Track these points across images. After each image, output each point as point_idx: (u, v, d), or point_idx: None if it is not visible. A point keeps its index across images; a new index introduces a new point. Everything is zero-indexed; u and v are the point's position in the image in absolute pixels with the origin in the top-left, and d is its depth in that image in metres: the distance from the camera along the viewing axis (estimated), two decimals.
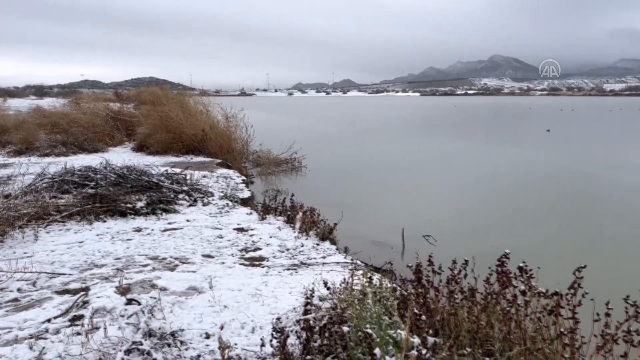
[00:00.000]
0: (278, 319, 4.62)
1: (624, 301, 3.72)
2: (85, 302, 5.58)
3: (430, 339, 3.97)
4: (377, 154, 26.08)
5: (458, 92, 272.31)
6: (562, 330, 3.54)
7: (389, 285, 5.42)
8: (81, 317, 5.22)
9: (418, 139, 35.29)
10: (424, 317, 3.88)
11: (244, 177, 15.63)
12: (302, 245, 8.21)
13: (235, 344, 4.61)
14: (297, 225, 9.12)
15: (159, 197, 10.75)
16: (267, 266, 7.16)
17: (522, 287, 3.92)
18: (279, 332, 4.05)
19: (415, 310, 3.72)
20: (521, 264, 4.24)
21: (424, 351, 3.54)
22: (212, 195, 11.99)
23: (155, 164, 15.39)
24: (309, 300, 4.55)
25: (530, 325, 4.19)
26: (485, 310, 4.37)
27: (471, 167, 21.53)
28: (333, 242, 8.55)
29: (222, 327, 4.94)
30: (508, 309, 3.95)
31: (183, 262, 7.21)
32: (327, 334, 3.98)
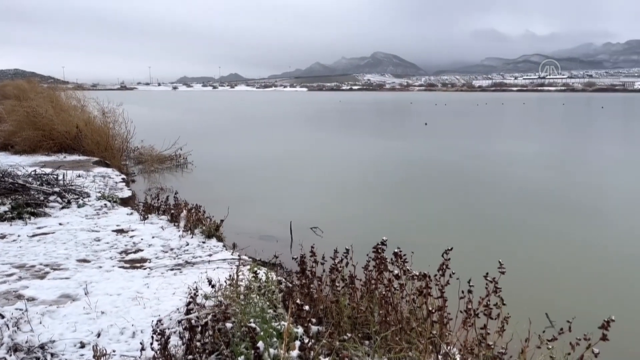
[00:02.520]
0: (159, 320, 4.46)
1: (484, 278, 4.10)
2: None
3: (314, 328, 4.08)
4: (266, 148, 26.11)
5: (343, 88, 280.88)
6: (430, 309, 3.81)
7: (275, 278, 5.48)
8: None
9: (305, 133, 35.88)
10: (306, 307, 3.96)
11: (124, 176, 14.84)
12: (187, 244, 7.99)
13: (114, 351, 4.38)
14: (182, 223, 8.86)
15: (26, 200, 9.84)
16: (150, 268, 6.88)
17: (396, 272, 4.14)
18: (160, 334, 3.91)
19: (298, 301, 3.79)
20: (396, 250, 4.50)
21: (306, 340, 3.63)
22: (89, 195, 11.23)
23: (22, 164, 14.09)
24: (191, 300, 4.45)
25: (406, 307, 4.47)
26: (365, 296, 4.59)
27: (357, 159, 22.36)
28: (220, 239, 8.43)
29: (98, 335, 4.67)
30: (384, 293, 4.16)
31: (55, 269, 6.68)
32: (210, 332, 3.92)
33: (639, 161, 21.51)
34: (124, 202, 11.40)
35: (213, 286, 4.87)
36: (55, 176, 11.96)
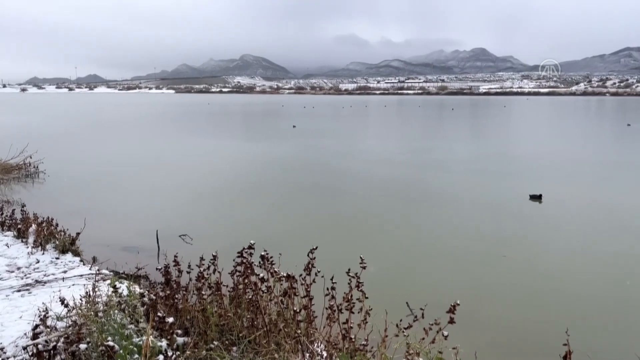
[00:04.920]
0: (1, 349, 4.00)
1: (347, 274, 4.26)
2: None
3: (179, 339, 3.95)
4: (129, 154, 24.72)
5: (213, 90, 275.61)
6: (295, 309, 3.88)
7: (138, 291, 5.20)
8: None
9: (172, 138, 34.55)
10: (170, 319, 3.82)
11: None
12: (38, 262, 7.27)
13: None
14: (31, 239, 8.03)
15: None
16: None
17: (262, 275, 4.16)
18: None
19: (160, 314, 3.64)
20: (263, 253, 4.50)
21: (170, 353, 3.50)
22: None
23: None
24: (40, 322, 4.05)
25: (275, 309, 4.50)
26: (233, 302, 4.54)
27: (227, 162, 22.08)
28: (76, 254, 7.80)
29: None
30: (250, 297, 4.15)
31: None
32: (62, 356, 3.61)
33: (481, 158, 23.98)
34: None
35: (67, 305, 4.49)
36: None
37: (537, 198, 13.59)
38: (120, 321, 3.93)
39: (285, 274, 4.19)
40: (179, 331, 3.98)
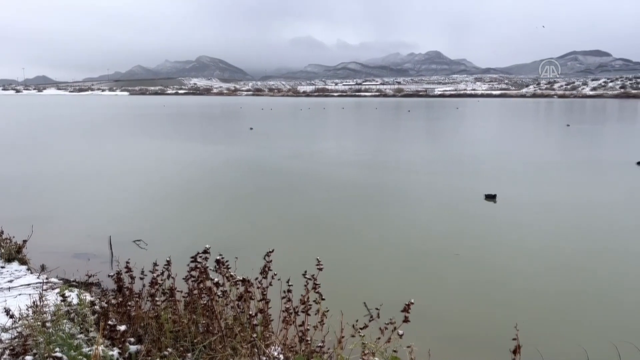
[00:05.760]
0: None
1: (303, 277, 4.28)
2: None
3: (132, 348, 3.86)
4: (80, 158, 23.93)
5: (169, 92, 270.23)
6: (250, 313, 3.86)
7: (88, 299, 5.06)
8: None
9: (125, 140, 33.68)
10: (122, 327, 3.72)
11: None
12: None
13: None
14: None
15: None
16: None
17: (216, 279, 4.12)
18: None
19: (111, 322, 3.54)
20: (218, 257, 4.46)
21: None
22: None
23: None
24: None
25: (231, 313, 4.46)
26: (188, 307, 4.47)
27: (182, 165, 21.71)
28: (23, 262, 7.50)
29: None
30: (205, 302, 4.11)
31: None
32: None
33: (437, 158, 24.49)
34: None
35: (12, 316, 4.32)
36: None
37: (491, 198, 14.00)
38: (69, 331, 3.81)
39: (241, 278, 4.16)
40: (132, 339, 3.89)
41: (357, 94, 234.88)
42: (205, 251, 4.52)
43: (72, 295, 4.63)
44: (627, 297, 7.74)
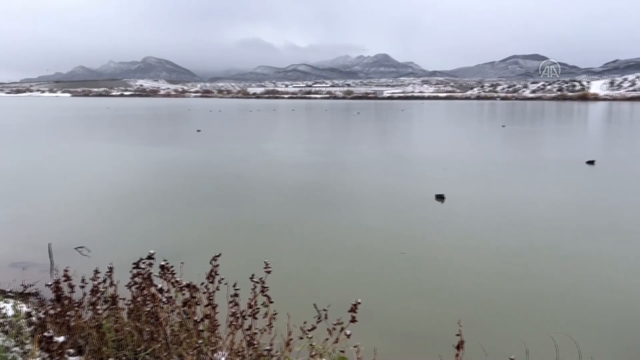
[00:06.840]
0: None
1: (250, 280, 4.24)
2: None
3: (72, 359, 3.72)
4: (16, 162, 22.84)
5: (114, 93, 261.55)
6: (195, 319, 3.80)
7: (25, 310, 4.83)
8: None
9: (66, 144, 32.31)
10: (60, 339, 3.57)
11: None
12: None
13: None
14: None
15: None
16: None
17: (160, 286, 4.02)
18: None
19: (47, 334, 3.39)
20: (162, 262, 4.35)
21: None
22: None
23: None
24: None
25: (178, 320, 4.36)
26: (132, 315, 4.34)
27: (127, 170, 21.09)
28: None
29: None
30: (148, 309, 4.01)
31: None
32: None
33: (386, 159, 24.90)
34: None
35: None
36: None
37: (440, 198, 14.38)
38: (2, 344, 3.63)
39: (186, 284, 4.08)
40: (71, 350, 3.76)
41: (307, 95, 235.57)
42: (150, 257, 4.40)
43: (7, 307, 4.42)
44: (563, 292, 8.13)
